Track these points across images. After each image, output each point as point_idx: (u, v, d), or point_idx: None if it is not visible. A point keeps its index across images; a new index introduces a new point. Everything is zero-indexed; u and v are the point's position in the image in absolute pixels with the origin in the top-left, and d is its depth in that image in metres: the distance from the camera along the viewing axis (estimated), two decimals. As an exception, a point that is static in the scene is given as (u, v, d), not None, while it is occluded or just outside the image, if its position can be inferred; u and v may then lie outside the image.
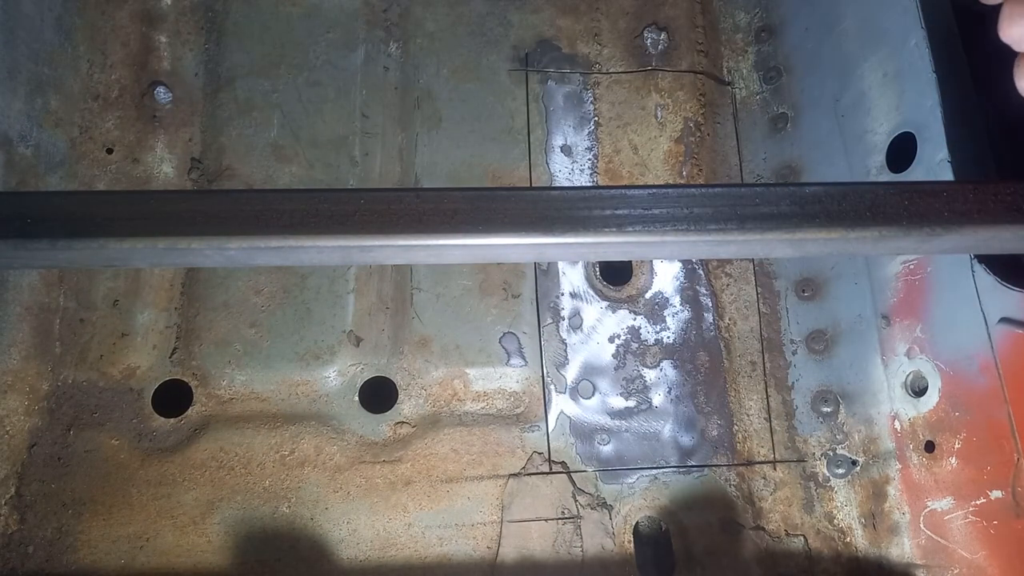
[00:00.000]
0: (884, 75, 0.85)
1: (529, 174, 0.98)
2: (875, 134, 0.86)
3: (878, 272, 0.88)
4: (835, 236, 0.46)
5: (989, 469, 0.73)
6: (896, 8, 0.81)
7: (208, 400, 0.90)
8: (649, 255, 0.70)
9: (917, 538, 0.83)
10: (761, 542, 0.89)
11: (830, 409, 0.92)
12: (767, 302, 0.97)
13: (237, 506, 0.86)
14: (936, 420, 0.79)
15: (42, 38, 0.92)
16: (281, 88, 0.98)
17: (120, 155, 0.96)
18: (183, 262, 0.47)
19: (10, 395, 0.87)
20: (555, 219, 0.46)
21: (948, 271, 0.77)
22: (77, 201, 0.45)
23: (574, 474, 0.90)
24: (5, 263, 0.55)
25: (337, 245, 0.45)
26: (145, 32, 0.99)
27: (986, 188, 0.47)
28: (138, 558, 0.84)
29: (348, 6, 1.02)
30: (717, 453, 0.92)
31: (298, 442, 0.89)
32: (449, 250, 0.46)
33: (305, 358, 0.91)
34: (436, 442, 0.90)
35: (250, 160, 0.96)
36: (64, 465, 0.86)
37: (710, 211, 0.46)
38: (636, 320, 0.95)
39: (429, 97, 1.00)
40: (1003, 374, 0.71)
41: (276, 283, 0.93)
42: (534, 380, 0.93)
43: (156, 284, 0.93)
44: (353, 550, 0.86)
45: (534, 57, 1.01)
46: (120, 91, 0.97)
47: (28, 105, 0.90)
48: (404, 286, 0.94)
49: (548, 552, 0.87)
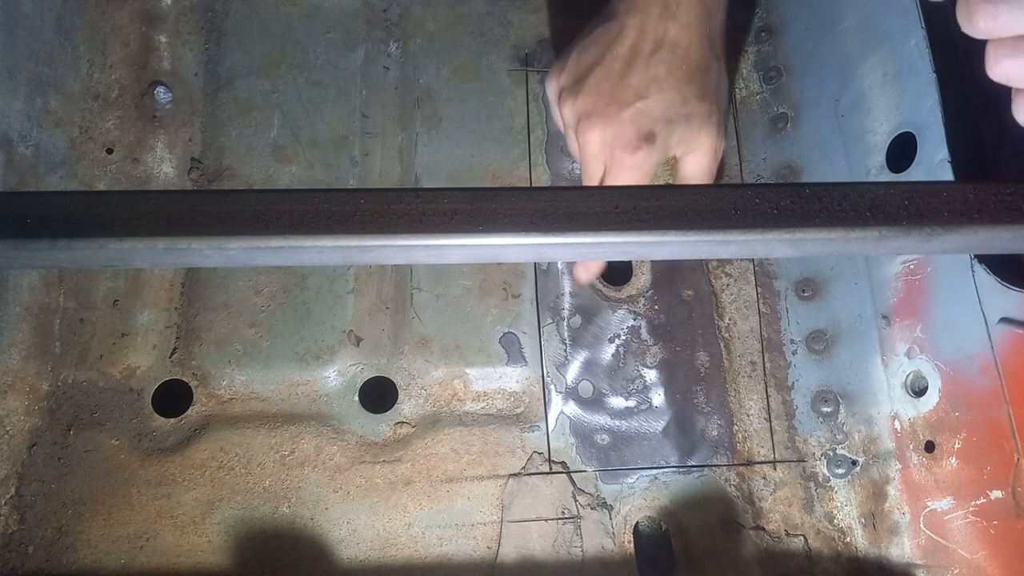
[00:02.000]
0: (884, 75, 0.85)
1: (529, 174, 0.98)
2: (875, 134, 0.86)
3: (878, 272, 0.88)
4: (835, 236, 0.46)
5: (989, 469, 0.73)
6: (896, 8, 0.81)
7: (208, 400, 0.90)
8: (649, 255, 0.70)
9: (917, 538, 0.83)
10: (761, 542, 0.89)
11: (830, 409, 0.92)
12: (767, 302, 0.97)
13: (237, 506, 0.86)
14: (936, 420, 0.80)
15: (42, 38, 0.92)
16: (281, 88, 0.98)
17: (120, 155, 0.96)
18: (183, 262, 0.47)
19: (10, 395, 0.87)
20: (555, 219, 0.46)
21: (948, 271, 0.77)
22: (77, 201, 0.45)
23: (574, 474, 0.90)
24: (5, 263, 0.55)
25: (337, 245, 0.45)
26: (145, 32, 0.99)
27: (986, 188, 0.47)
28: (138, 558, 0.84)
29: (348, 6, 1.02)
30: (717, 453, 0.92)
31: (298, 442, 0.89)
32: (449, 250, 0.46)
33: (305, 358, 0.91)
34: (436, 442, 0.90)
35: (250, 160, 0.96)
36: (64, 465, 0.86)
37: (710, 211, 0.46)
38: (636, 320, 0.95)
39: (429, 97, 1.00)
40: (1003, 374, 0.71)
41: (276, 283, 0.93)
42: (534, 380, 0.93)
43: (156, 284, 0.93)
44: (353, 550, 0.86)
45: (534, 57, 1.01)
46: (120, 91, 0.97)
47: (28, 105, 0.90)
48: (404, 286, 0.94)
49: (548, 552, 0.87)
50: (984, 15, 0.48)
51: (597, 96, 0.79)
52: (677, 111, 0.78)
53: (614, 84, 0.79)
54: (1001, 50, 0.49)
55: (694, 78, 0.79)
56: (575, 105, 0.81)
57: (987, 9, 0.47)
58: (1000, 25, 0.48)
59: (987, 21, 0.48)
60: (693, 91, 0.79)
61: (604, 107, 0.79)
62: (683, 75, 0.78)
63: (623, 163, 0.78)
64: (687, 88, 0.79)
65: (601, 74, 0.79)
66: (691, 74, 0.79)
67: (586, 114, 0.79)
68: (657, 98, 0.78)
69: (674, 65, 0.78)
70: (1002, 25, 0.48)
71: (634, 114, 0.77)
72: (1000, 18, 0.47)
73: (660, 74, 0.78)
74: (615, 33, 0.80)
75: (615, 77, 0.79)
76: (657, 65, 0.78)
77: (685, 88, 0.79)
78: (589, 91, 0.80)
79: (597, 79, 0.80)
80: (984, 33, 0.49)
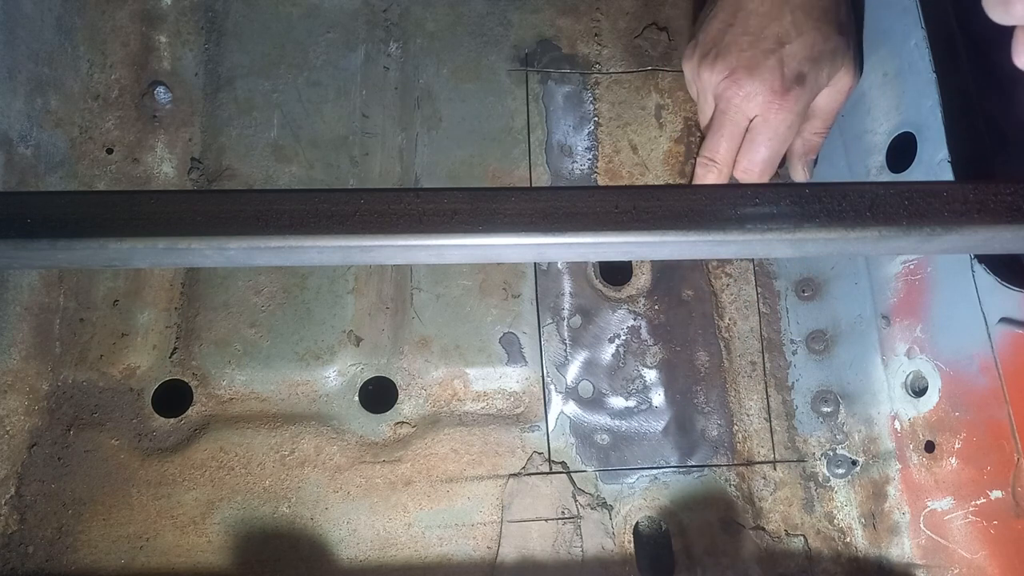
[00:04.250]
0: (884, 75, 0.85)
1: (529, 174, 0.98)
2: (875, 134, 0.86)
3: (878, 272, 0.88)
4: (835, 236, 0.46)
5: (989, 469, 0.73)
6: (896, 8, 0.81)
7: (208, 400, 0.90)
8: (649, 255, 0.70)
9: (917, 538, 0.83)
10: (761, 542, 0.89)
11: (830, 409, 0.92)
12: (767, 302, 0.97)
13: (237, 506, 0.86)
14: (936, 420, 0.80)
15: (42, 38, 0.92)
16: (281, 88, 0.98)
17: (120, 155, 0.96)
18: (183, 262, 0.47)
19: (10, 395, 0.87)
20: (555, 219, 0.46)
21: (948, 271, 0.77)
22: (77, 201, 0.46)
23: (574, 474, 0.90)
24: (5, 263, 0.56)
25: (337, 245, 0.45)
26: (145, 32, 0.99)
27: (986, 188, 0.47)
28: (138, 558, 0.84)
29: (348, 6, 1.02)
30: (717, 453, 0.92)
31: (298, 442, 0.89)
32: (449, 250, 0.46)
33: (305, 358, 0.91)
34: (436, 442, 0.90)
35: (250, 160, 0.96)
36: (64, 465, 0.86)
37: (710, 211, 0.46)
38: (636, 320, 0.95)
39: (429, 97, 1.00)
40: (1003, 374, 0.71)
41: (276, 283, 0.93)
42: (534, 380, 0.93)
43: (156, 284, 0.93)
44: (353, 550, 0.86)
45: (534, 57, 1.01)
46: (120, 91, 0.97)
47: (28, 105, 0.90)
48: (404, 286, 0.94)
49: (548, 552, 0.87)
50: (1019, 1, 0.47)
51: (739, 51, 0.81)
52: (820, 48, 0.80)
53: (753, 38, 0.80)
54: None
55: (828, 16, 0.80)
56: (715, 67, 0.82)
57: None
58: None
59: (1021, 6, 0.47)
60: (831, 27, 0.80)
61: (748, 59, 0.80)
62: (819, 15, 0.80)
63: (777, 107, 0.80)
64: (826, 25, 0.80)
65: (739, 30, 0.81)
66: (825, 13, 0.80)
67: (731, 70, 0.81)
68: (800, 40, 0.79)
69: (808, 8, 0.80)
70: None
71: (780, 59, 0.79)
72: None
73: (798, 19, 0.79)
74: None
75: (753, 32, 0.80)
76: (793, 11, 0.79)
77: (824, 26, 0.80)
78: (729, 49, 0.81)
79: (735, 35, 0.81)
80: (1019, 18, 0.48)
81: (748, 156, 0.85)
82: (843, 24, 0.82)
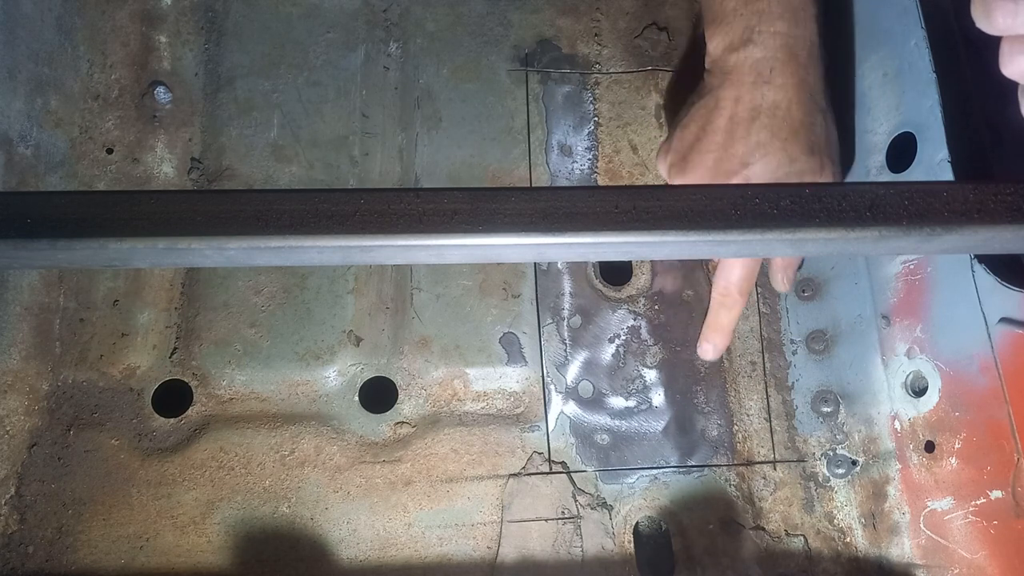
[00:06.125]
0: (884, 75, 0.85)
1: (529, 174, 0.98)
2: (875, 134, 0.86)
3: (878, 272, 0.88)
4: (835, 236, 0.46)
5: (989, 469, 0.73)
6: (896, 8, 0.81)
7: (208, 400, 0.90)
8: (649, 255, 0.70)
9: (917, 538, 0.83)
10: (761, 542, 0.89)
11: (830, 409, 0.92)
12: (767, 302, 0.97)
13: (237, 506, 0.86)
14: (936, 420, 0.80)
15: (42, 38, 0.92)
16: (281, 88, 0.98)
17: (120, 155, 0.96)
18: (183, 262, 0.47)
19: (10, 395, 0.87)
20: (555, 219, 0.46)
21: (948, 271, 0.77)
22: (77, 201, 0.45)
23: (574, 474, 0.90)
24: (5, 263, 0.56)
25: (337, 245, 0.45)
26: (145, 32, 0.99)
27: (986, 188, 0.47)
28: (138, 558, 0.84)
29: (348, 6, 1.02)
30: (717, 453, 0.92)
31: (298, 442, 0.89)
32: (449, 250, 0.46)
33: (305, 358, 0.91)
34: (436, 442, 0.90)
35: (250, 160, 0.96)
36: (64, 465, 0.86)
37: (710, 211, 0.46)
38: (636, 320, 0.95)
39: (429, 97, 1.00)
40: (1003, 374, 0.70)
41: (276, 283, 0.93)
42: (534, 380, 0.93)
43: (156, 284, 0.93)
44: (353, 550, 0.86)
45: (534, 57, 1.01)
46: (120, 91, 0.97)
47: (28, 105, 0.90)
48: (404, 286, 0.94)
49: (548, 552, 0.87)
50: (1003, 11, 0.47)
51: (704, 169, 0.80)
52: (786, 171, 0.78)
53: (718, 155, 0.79)
54: (1017, 47, 0.49)
55: (799, 136, 0.78)
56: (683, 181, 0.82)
57: (1007, 6, 0.47)
58: (1020, 22, 0.48)
59: (1006, 18, 0.48)
60: (800, 148, 0.78)
61: (711, 180, 0.80)
62: (787, 135, 0.78)
63: None
64: (793, 147, 0.78)
65: (704, 148, 0.80)
66: (795, 132, 0.78)
67: None
68: (763, 163, 0.78)
69: (776, 128, 0.78)
70: (1021, 22, 0.48)
71: (744, 181, 0.78)
72: (1020, 15, 0.47)
73: (763, 139, 0.78)
74: (712, 107, 0.81)
75: (718, 148, 0.79)
76: (759, 131, 0.78)
77: (791, 147, 0.78)
78: (695, 166, 0.81)
79: (700, 153, 0.81)
80: (1002, 30, 0.49)
81: (724, 277, 0.85)
82: (815, 144, 0.79)
